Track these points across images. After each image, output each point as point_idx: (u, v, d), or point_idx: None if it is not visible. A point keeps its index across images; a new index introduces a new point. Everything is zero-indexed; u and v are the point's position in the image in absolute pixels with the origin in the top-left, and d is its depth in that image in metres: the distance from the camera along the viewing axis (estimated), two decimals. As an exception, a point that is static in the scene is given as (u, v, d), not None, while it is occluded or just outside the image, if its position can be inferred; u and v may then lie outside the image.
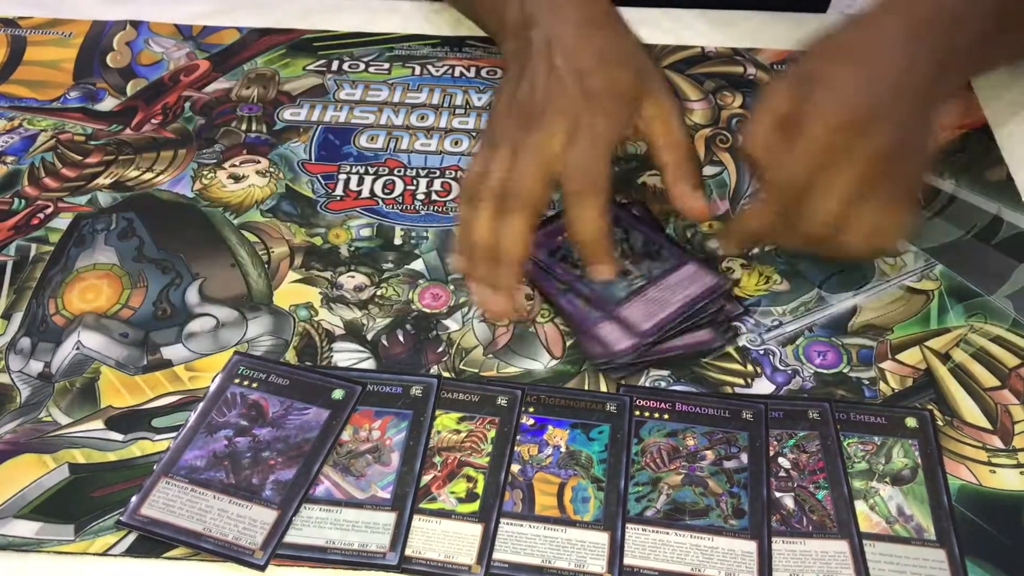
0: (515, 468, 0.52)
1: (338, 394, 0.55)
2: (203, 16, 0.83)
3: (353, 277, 0.63)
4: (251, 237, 0.65)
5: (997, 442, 0.54)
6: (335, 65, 0.79)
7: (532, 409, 0.55)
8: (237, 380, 0.56)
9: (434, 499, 0.51)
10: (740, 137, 0.58)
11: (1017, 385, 0.57)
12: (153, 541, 0.49)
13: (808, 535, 0.50)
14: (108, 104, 0.75)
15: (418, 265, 0.64)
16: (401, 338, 0.59)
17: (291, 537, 0.49)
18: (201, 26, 0.82)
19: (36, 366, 0.57)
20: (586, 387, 0.57)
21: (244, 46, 0.80)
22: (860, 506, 0.51)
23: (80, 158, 0.70)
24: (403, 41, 0.81)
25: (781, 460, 0.53)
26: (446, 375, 0.57)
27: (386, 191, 0.69)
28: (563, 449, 0.53)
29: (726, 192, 0.68)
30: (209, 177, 0.69)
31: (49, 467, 0.52)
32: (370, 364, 0.58)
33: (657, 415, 0.55)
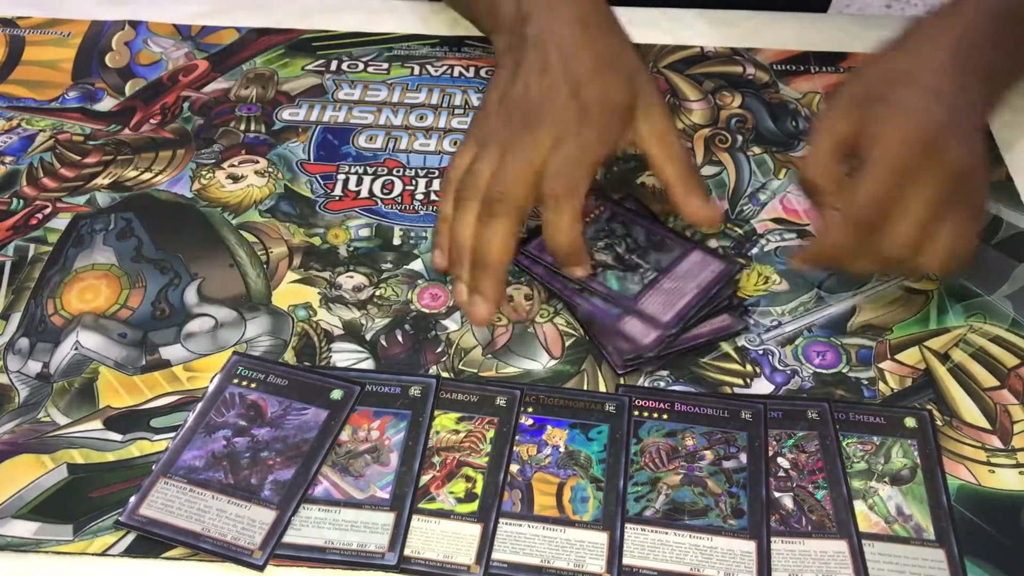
0: (514, 468, 0.52)
1: (337, 394, 0.55)
2: (202, 16, 0.83)
3: (352, 277, 0.63)
4: (250, 237, 0.65)
5: (996, 442, 0.54)
6: (334, 65, 0.79)
7: (531, 409, 0.55)
8: (236, 380, 0.56)
9: (433, 499, 0.51)
10: (799, 165, 0.57)
11: (1016, 385, 0.57)
12: (152, 541, 0.49)
13: (807, 535, 0.50)
14: (107, 104, 0.75)
15: (417, 265, 0.64)
16: (400, 338, 0.59)
17: (290, 537, 0.49)
18: (200, 26, 0.82)
19: (34, 366, 0.57)
20: (585, 387, 0.57)
21: (243, 46, 0.80)
22: (859, 506, 0.51)
23: (79, 158, 0.70)
24: (402, 41, 0.81)
25: (780, 460, 0.53)
26: (445, 375, 0.57)
27: (385, 191, 0.68)
28: (562, 449, 0.53)
29: (725, 192, 0.68)
30: (208, 177, 0.69)
31: (47, 467, 0.52)
32: (369, 364, 0.58)
33: (656, 415, 0.55)
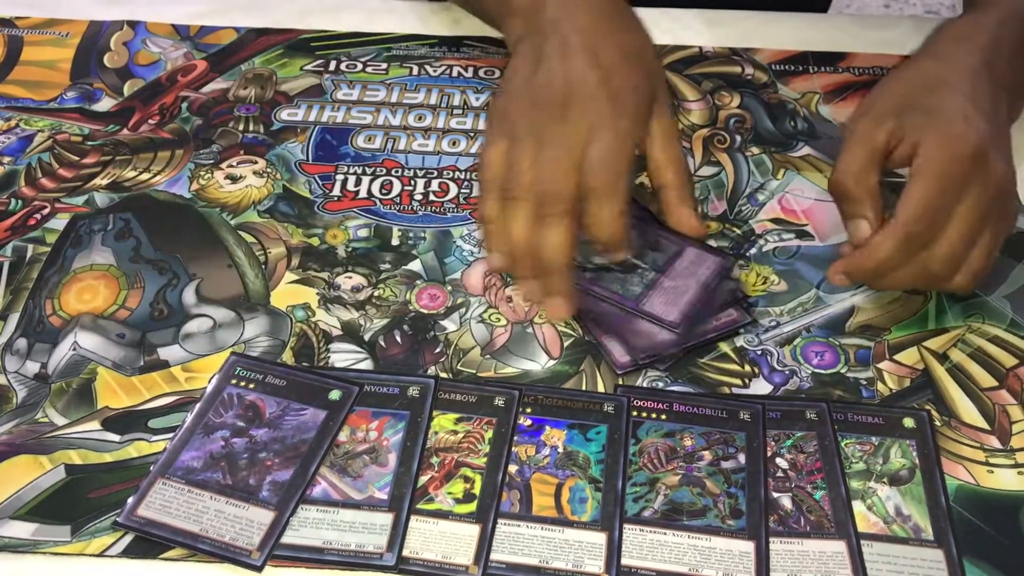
0: (512, 469, 0.52)
1: (335, 395, 0.55)
2: (200, 16, 0.83)
3: (350, 278, 0.63)
4: (248, 238, 0.65)
5: (995, 442, 0.54)
6: (332, 65, 0.79)
7: (529, 410, 0.55)
8: (234, 381, 0.56)
9: (431, 500, 0.51)
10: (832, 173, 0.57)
11: (1015, 385, 0.57)
12: (150, 542, 0.49)
13: (806, 535, 0.50)
14: (105, 104, 0.75)
15: (415, 266, 0.63)
16: (398, 339, 0.59)
17: (288, 538, 0.49)
18: (198, 26, 0.82)
19: (32, 367, 0.57)
20: (583, 388, 0.57)
21: (241, 46, 0.80)
22: (858, 506, 0.51)
23: (77, 158, 0.70)
24: (401, 41, 0.81)
25: (779, 460, 0.53)
26: (443, 376, 0.57)
27: (383, 191, 0.68)
28: (560, 449, 0.53)
29: (723, 192, 0.68)
30: (206, 177, 0.69)
31: (45, 468, 0.52)
32: (367, 365, 0.58)
33: (654, 415, 0.55)
